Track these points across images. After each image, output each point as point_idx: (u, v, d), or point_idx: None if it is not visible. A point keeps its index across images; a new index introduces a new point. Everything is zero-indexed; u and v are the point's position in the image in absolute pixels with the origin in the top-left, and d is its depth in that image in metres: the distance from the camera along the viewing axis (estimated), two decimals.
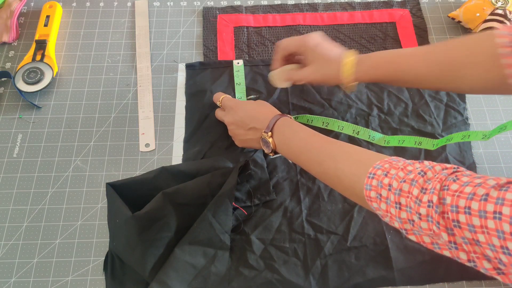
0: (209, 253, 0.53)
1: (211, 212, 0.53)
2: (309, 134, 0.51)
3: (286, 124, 0.53)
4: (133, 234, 0.52)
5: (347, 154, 0.46)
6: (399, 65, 0.52)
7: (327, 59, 0.55)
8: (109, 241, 0.55)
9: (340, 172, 0.45)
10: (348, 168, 0.45)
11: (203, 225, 0.53)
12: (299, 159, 0.51)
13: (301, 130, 0.52)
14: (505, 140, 0.65)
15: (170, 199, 0.53)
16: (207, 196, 0.54)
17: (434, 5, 0.77)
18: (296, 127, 0.53)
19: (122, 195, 0.55)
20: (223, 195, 0.53)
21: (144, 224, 0.52)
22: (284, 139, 0.52)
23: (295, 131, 0.52)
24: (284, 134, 0.53)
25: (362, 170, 0.43)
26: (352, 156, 0.46)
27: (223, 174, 0.56)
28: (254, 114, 0.56)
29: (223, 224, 0.53)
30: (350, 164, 0.45)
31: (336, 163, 0.46)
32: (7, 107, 0.65)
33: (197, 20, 0.74)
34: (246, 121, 0.56)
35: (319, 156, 0.48)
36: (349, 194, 0.46)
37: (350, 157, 0.46)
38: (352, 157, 0.46)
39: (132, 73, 0.69)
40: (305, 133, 0.52)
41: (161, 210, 0.52)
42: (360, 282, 0.54)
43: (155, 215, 0.52)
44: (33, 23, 0.73)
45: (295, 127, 0.53)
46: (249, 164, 0.58)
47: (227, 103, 0.60)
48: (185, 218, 0.53)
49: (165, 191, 0.53)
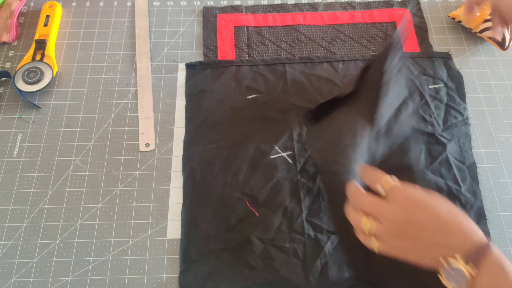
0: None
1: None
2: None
3: (506, 264, 0.35)
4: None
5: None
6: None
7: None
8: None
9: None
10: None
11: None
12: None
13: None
14: (505, 140, 0.65)
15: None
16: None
17: (434, 5, 0.77)
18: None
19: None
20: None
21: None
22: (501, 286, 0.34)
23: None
24: (501, 278, 0.34)
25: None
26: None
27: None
28: (447, 223, 0.38)
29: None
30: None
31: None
32: (7, 107, 0.65)
33: (197, 20, 0.74)
34: (427, 226, 0.38)
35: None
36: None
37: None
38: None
39: (132, 73, 0.69)
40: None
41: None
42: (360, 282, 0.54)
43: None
44: (33, 23, 0.73)
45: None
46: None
47: (399, 192, 0.41)
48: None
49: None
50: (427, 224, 0.38)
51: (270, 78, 0.68)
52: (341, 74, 0.68)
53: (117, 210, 0.58)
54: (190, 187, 0.59)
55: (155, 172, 0.61)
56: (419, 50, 0.71)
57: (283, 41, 0.72)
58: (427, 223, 0.38)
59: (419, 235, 0.38)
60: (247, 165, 0.61)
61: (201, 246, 0.55)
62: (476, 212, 0.58)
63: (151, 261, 0.55)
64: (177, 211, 0.58)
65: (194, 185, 0.59)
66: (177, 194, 0.59)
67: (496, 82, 0.69)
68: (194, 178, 0.60)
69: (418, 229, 0.38)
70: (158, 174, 0.61)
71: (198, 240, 0.56)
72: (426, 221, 0.38)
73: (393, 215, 0.40)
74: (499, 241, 0.57)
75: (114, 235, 0.56)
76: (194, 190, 0.59)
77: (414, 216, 0.39)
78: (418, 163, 0.61)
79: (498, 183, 0.61)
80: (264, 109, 0.65)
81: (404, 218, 0.39)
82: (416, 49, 0.72)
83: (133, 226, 0.57)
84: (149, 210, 0.58)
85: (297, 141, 0.62)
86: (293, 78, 0.67)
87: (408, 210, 0.39)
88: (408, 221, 0.39)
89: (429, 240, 0.38)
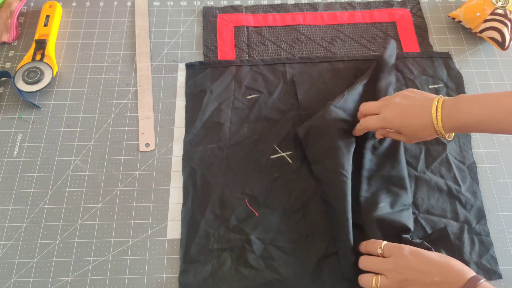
0: None
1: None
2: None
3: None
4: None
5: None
6: (499, 105, 0.46)
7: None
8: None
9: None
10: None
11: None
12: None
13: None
14: (505, 140, 0.65)
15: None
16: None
17: (434, 5, 0.77)
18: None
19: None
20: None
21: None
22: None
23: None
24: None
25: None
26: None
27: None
28: (440, 264, 0.45)
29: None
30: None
31: None
32: (7, 107, 0.65)
33: (197, 20, 0.74)
34: (424, 269, 0.45)
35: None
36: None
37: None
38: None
39: (132, 73, 0.69)
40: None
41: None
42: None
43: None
44: (33, 22, 0.73)
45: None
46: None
47: (392, 247, 0.49)
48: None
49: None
50: (424, 268, 0.45)
51: (270, 78, 0.68)
52: (341, 74, 0.68)
53: (117, 210, 0.58)
54: (190, 187, 0.59)
55: (155, 172, 0.61)
56: (419, 50, 0.71)
57: (283, 41, 0.72)
58: (424, 267, 0.45)
59: (419, 278, 0.45)
60: (247, 165, 0.61)
61: (201, 246, 0.55)
62: (476, 212, 0.58)
63: (151, 261, 0.55)
64: (177, 211, 0.58)
65: (194, 185, 0.59)
66: (177, 194, 0.59)
67: (496, 82, 0.69)
68: (194, 178, 0.60)
69: (418, 273, 0.45)
70: (158, 174, 0.61)
71: (198, 240, 0.56)
72: (423, 266, 0.46)
73: (394, 266, 0.47)
74: (499, 241, 0.57)
75: (114, 235, 0.56)
76: (194, 190, 0.59)
77: (411, 263, 0.46)
78: (418, 163, 0.61)
79: (498, 183, 0.61)
80: (264, 109, 0.65)
81: (404, 265, 0.46)
82: (416, 49, 0.72)
83: (133, 226, 0.57)
84: (149, 210, 0.58)
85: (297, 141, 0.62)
86: (293, 78, 0.67)
87: (405, 259, 0.47)
88: (407, 267, 0.46)
89: (428, 280, 0.45)
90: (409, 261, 0.46)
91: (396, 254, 0.48)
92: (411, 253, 0.47)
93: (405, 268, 0.46)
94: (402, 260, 0.47)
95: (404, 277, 0.46)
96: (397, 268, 0.47)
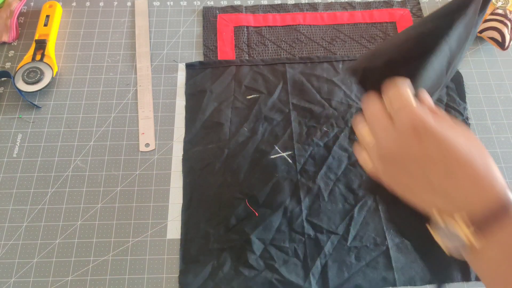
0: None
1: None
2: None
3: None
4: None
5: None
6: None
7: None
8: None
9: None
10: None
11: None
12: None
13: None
14: (505, 140, 0.65)
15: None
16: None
17: (434, 5, 0.77)
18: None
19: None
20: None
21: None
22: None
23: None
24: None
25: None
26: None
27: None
28: (456, 159, 0.29)
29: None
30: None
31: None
32: (7, 107, 0.65)
33: (197, 20, 0.74)
34: (425, 158, 0.29)
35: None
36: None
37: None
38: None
39: (132, 73, 0.69)
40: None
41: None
42: (360, 282, 0.54)
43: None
44: (33, 22, 0.73)
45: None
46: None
47: (408, 115, 0.31)
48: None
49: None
50: (428, 155, 0.28)
51: (270, 78, 0.68)
52: (341, 74, 0.68)
53: (117, 210, 0.58)
54: (190, 187, 0.59)
55: (155, 172, 0.61)
56: None
57: (283, 41, 0.72)
58: (431, 153, 0.28)
59: (411, 167, 0.29)
60: (247, 165, 0.61)
61: (201, 246, 0.55)
62: None
63: (151, 261, 0.55)
64: (177, 211, 0.58)
65: (194, 185, 0.59)
66: (177, 194, 0.59)
67: (496, 82, 0.69)
68: (194, 178, 0.60)
69: (411, 159, 0.29)
70: (158, 174, 0.61)
71: (198, 240, 0.56)
72: (429, 152, 0.29)
73: (386, 138, 0.31)
74: None
75: (114, 235, 0.56)
76: (194, 190, 0.59)
77: (411, 148, 0.30)
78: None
79: None
80: (264, 109, 0.65)
81: (397, 146, 0.31)
82: None
83: (133, 226, 0.57)
84: (149, 210, 0.58)
85: (297, 141, 0.62)
86: (293, 78, 0.68)
87: (409, 139, 0.30)
88: (401, 149, 0.30)
89: (422, 176, 0.28)
90: (413, 145, 0.30)
91: (404, 130, 0.30)
92: (438, 134, 0.29)
93: (398, 149, 0.30)
94: (406, 140, 0.30)
95: (392, 157, 0.31)
96: (389, 142, 0.31)
